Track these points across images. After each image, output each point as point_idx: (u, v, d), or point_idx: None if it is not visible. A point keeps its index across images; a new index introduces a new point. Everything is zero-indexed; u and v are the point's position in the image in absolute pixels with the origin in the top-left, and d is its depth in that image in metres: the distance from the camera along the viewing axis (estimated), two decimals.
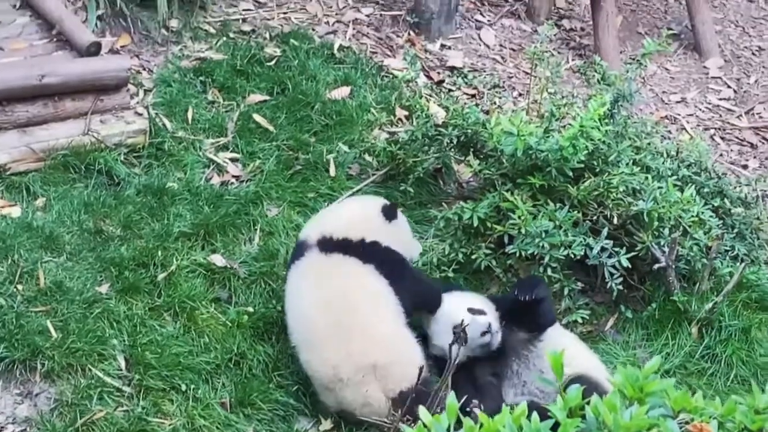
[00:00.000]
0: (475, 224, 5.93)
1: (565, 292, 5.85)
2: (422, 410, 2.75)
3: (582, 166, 5.93)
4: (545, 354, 4.59)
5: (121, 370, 5.30)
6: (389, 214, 5.60)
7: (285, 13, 7.87)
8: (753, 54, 8.97)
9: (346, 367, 5.10)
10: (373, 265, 5.37)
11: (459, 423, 2.75)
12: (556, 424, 2.72)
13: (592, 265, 5.89)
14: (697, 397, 2.88)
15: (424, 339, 5.43)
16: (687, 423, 2.83)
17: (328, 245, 5.39)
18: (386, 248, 5.50)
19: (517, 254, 5.77)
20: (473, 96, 7.51)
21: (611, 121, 6.26)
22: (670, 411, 2.86)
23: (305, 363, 5.27)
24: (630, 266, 5.79)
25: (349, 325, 5.17)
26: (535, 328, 5.49)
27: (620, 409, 2.76)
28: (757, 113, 8.24)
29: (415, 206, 6.44)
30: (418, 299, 5.47)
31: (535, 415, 2.68)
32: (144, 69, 7.06)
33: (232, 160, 6.60)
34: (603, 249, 5.74)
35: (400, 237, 5.66)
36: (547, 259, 5.69)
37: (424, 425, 2.69)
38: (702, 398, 2.86)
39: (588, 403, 2.77)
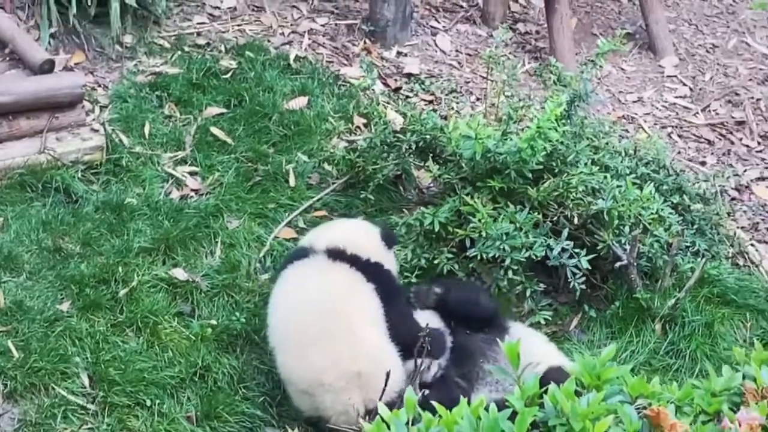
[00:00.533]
0: (437, 229, 5.92)
1: (528, 293, 5.85)
2: (381, 406, 2.75)
3: (541, 167, 5.93)
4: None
5: (84, 387, 5.25)
6: (389, 241, 5.62)
7: (239, 25, 7.86)
8: (707, 51, 9.04)
9: (330, 372, 5.05)
10: (375, 286, 5.35)
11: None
12: (515, 414, 2.72)
13: (554, 266, 5.88)
14: (654, 383, 2.89)
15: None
16: (645, 408, 2.84)
17: (338, 255, 5.37)
18: (390, 274, 5.53)
19: (479, 257, 5.76)
20: (431, 102, 7.52)
21: (568, 121, 6.28)
22: (627, 397, 2.87)
23: (284, 365, 5.20)
24: (591, 266, 5.80)
25: (341, 333, 5.12)
26: (475, 323, 5.54)
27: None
28: (713, 110, 8.29)
29: (376, 213, 6.43)
30: (399, 336, 5.44)
31: (492, 405, 2.68)
32: (99, 85, 7.04)
33: (191, 173, 6.57)
34: (563, 250, 5.74)
35: (394, 264, 5.68)
36: (508, 261, 5.69)
37: (383, 420, 2.69)
38: (659, 384, 2.88)
39: (546, 392, 2.77)
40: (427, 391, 4.99)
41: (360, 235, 5.59)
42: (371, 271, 5.39)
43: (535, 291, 5.86)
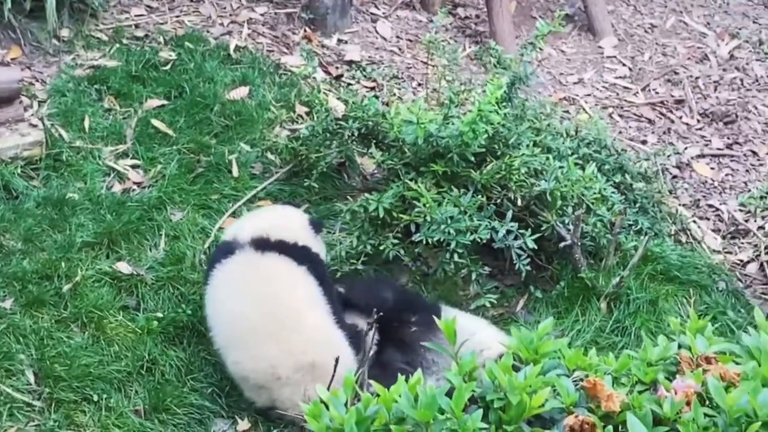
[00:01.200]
0: (381, 215, 5.91)
1: (474, 276, 5.86)
2: (319, 388, 2.75)
3: (483, 150, 5.95)
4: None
5: (30, 384, 5.21)
6: (317, 227, 5.63)
7: (178, 16, 7.81)
8: (645, 32, 9.10)
9: (286, 366, 5.04)
10: (307, 266, 5.33)
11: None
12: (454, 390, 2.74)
13: (500, 248, 5.89)
14: (591, 355, 2.92)
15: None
16: (582, 380, 2.86)
17: (264, 245, 5.33)
18: (319, 258, 5.53)
19: (425, 242, 5.76)
20: (372, 89, 7.52)
21: (509, 104, 6.31)
22: (565, 370, 2.90)
23: (235, 363, 5.17)
24: (536, 247, 5.82)
25: (289, 323, 5.11)
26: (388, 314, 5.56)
27: None
28: (653, 89, 8.36)
29: (320, 201, 6.44)
30: None
31: (430, 381, 2.69)
32: (37, 80, 6.96)
33: (133, 166, 6.52)
34: (509, 231, 5.76)
35: (323, 250, 5.68)
36: (453, 244, 5.69)
37: (322, 401, 2.69)
38: (596, 356, 2.90)
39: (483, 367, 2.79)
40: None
41: (283, 220, 5.59)
42: (300, 254, 5.38)
43: (480, 274, 5.87)
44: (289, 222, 5.58)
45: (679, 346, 3.16)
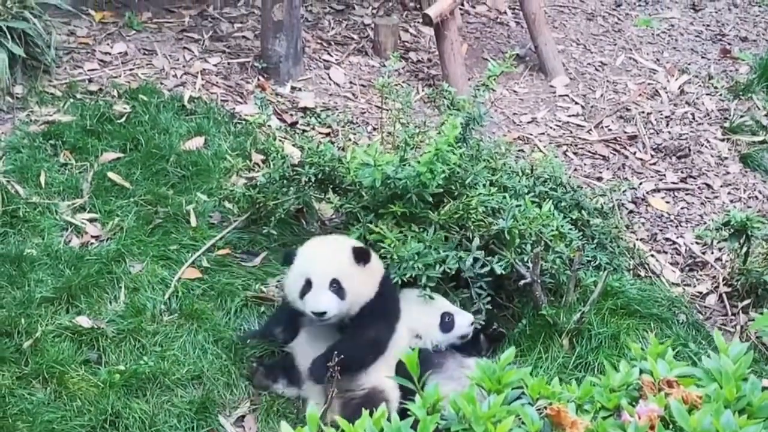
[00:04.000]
0: None
1: None
2: (284, 425, 2.74)
3: (441, 190, 5.96)
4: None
5: None
6: None
7: (131, 69, 7.83)
8: (596, 69, 9.21)
9: None
10: None
11: None
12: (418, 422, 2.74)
13: (463, 287, 5.92)
14: (554, 383, 2.92)
15: None
16: (545, 408, 2.87)
17: None
18: None
19: (397, 281, 5.77)
20: (328, 134, 7.55)
21: (464, 144, 6.34)
22: (529, 399, 2.90)
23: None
24: (497, 285, 5.84)
25: None
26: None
27: None
28: (606, 126, 8.44)
29: (279, 248, 6.40)
30: None
31: (395, 415, 2.68)
32: None
33: (91, 220, 6.49)
34: (476, 260, 5.79)
35: None
36: (424, 279, 5.71)
37: None
38: (559, 384, 2.91)
39: None
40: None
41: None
42: None
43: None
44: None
45: (641, 372, 3.18)
